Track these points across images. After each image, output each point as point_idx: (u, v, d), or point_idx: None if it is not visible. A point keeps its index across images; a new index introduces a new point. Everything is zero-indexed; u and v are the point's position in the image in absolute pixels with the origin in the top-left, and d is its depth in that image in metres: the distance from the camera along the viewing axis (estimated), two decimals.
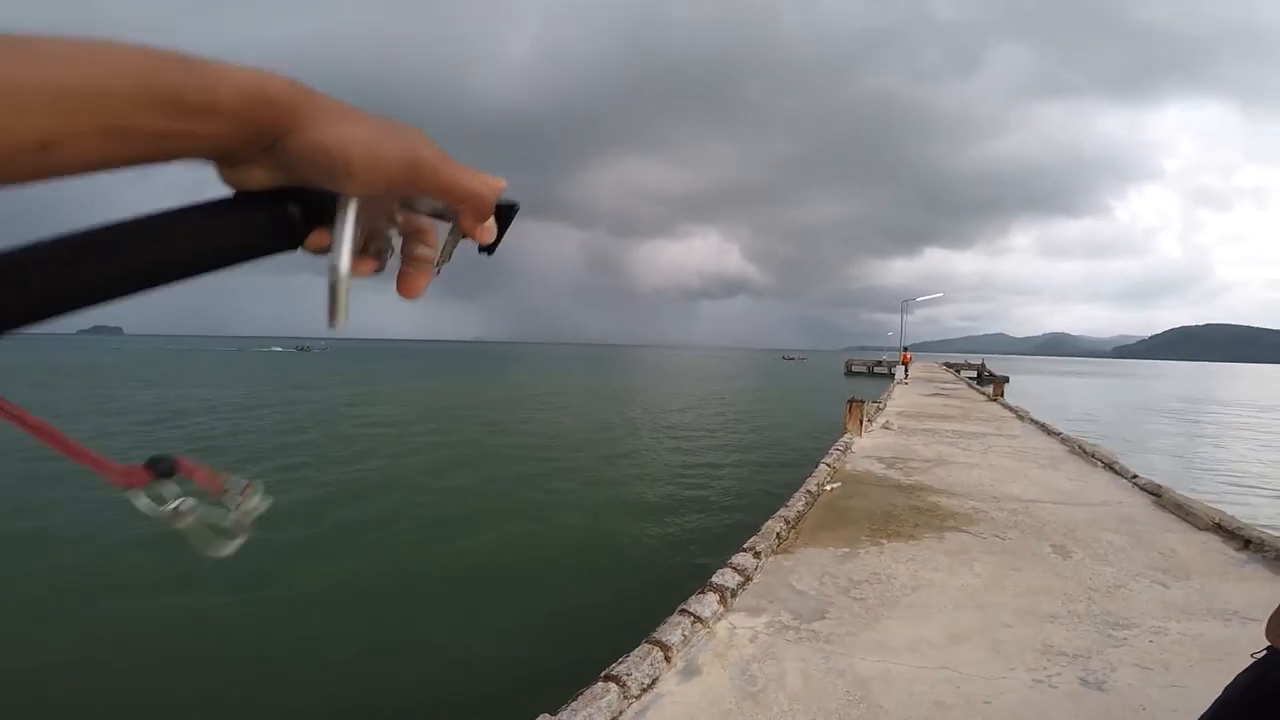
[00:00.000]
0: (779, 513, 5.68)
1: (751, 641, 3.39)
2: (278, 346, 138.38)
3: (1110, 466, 8.90)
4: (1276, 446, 21.60)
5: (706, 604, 3.70)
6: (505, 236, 0.42)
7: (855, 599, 3.95)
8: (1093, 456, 9.65)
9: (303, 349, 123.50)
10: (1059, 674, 3.00)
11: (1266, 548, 4.82)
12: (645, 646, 3.19)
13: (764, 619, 3.66)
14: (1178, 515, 6.17)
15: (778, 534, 5.12)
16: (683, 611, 3.58)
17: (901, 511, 6.16)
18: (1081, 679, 2.96)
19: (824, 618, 3.67)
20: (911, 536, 5.33)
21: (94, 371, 46.24)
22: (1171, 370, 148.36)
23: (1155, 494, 7.10)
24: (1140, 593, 4.08)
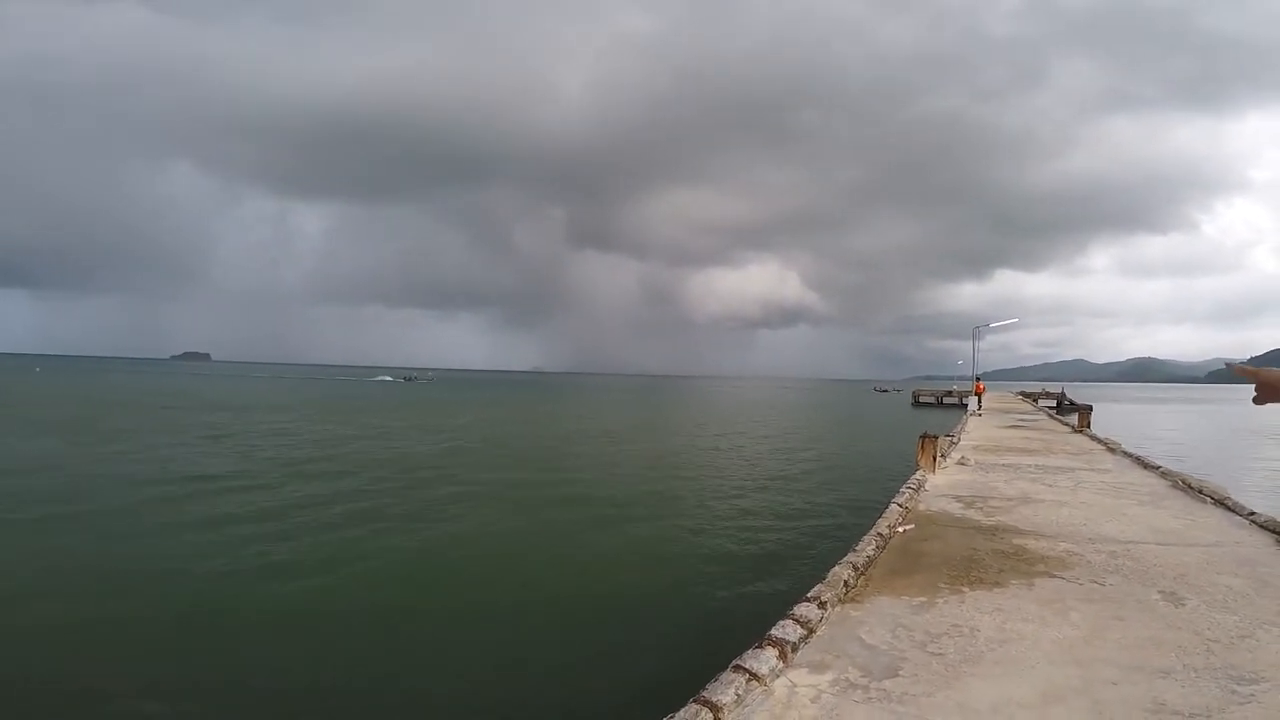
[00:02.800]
0: (846, 558, 5.33)
1: (814, 702, 3.08)
2: (386, 376, 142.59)
3: (1222, 503, 8.10)
4: None
5: (764, 659, 3.40)
6: None
7: (933, 654, 3.59)
8: (1200, 492, 8.81)
9: (409, 379, 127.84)
10: None
11: None
12: (693, 707, 2.92)
13: (829, 676, 3.34)
14: None
15: (845, 581, 4.78)
16: (736, 668, 3.31)
17: (984, 555, 5.69)
18: None
19: (897, 675, 3.33)
20: (996, 583, 4.89)
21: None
22: None
23: (1278, 533, 6.37)
24: (1270, 643, 3.58)
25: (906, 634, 3.89)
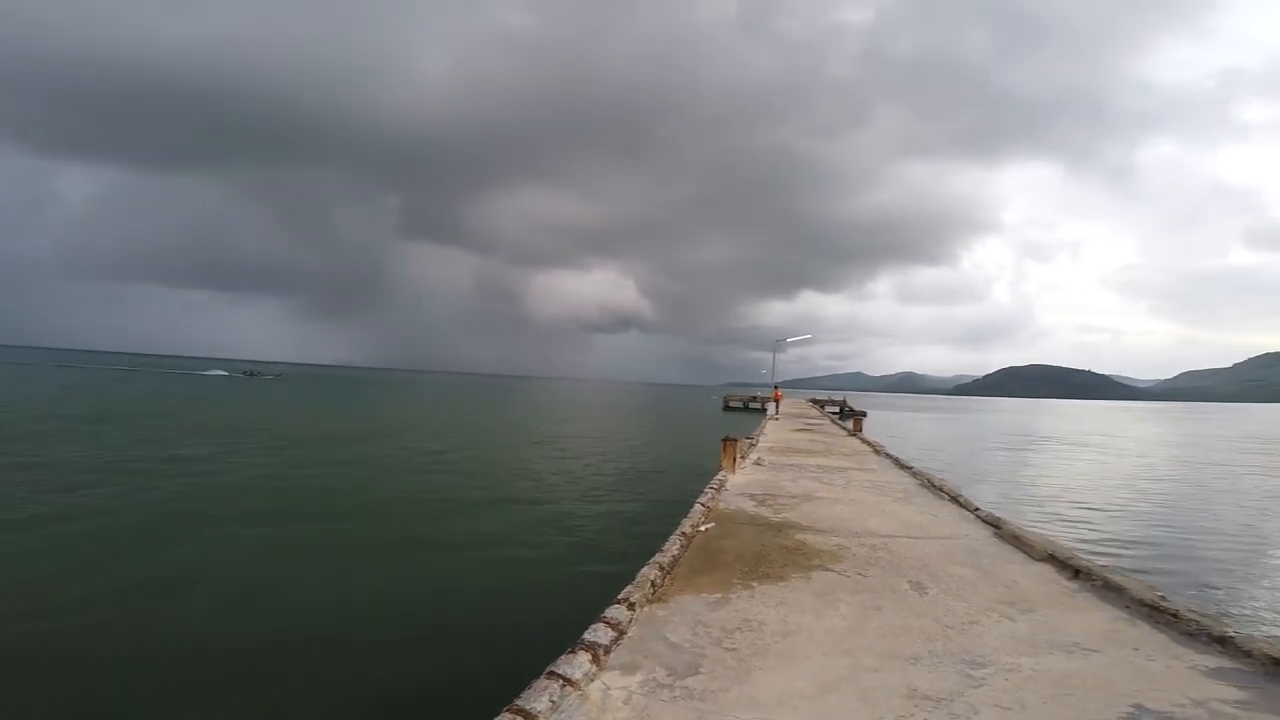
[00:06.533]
0: (654, 558, 5.46)
1: (626, 704, 3.11)
2: (220, 370, 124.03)
3: (955, 499, 9.50)
4: (1084, 475, 24.69)
5: (578, 664, 3.38)
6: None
7: (728, 649, 3.78)
8: (940, 490, 10.31)
9: (251, 374, 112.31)
10: None
11: (1094, 576, 5.26)
12: (506, 717, 2.83)
13: (638, 677, 3.39)
14: (1016, 546, 6.64)
15: (653, 582, 4.88)
16: (550, 674, 3.25)
17: (771, 551, 6.14)
18: None
19: (698, 673, 3.46)
20: (780, 578, 5.29)
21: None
22: (1001, 405, 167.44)
23: (996, 526, 7.61)
24: (992, 628, 4.23)
25: (705, 631, 4.06)
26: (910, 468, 13.19)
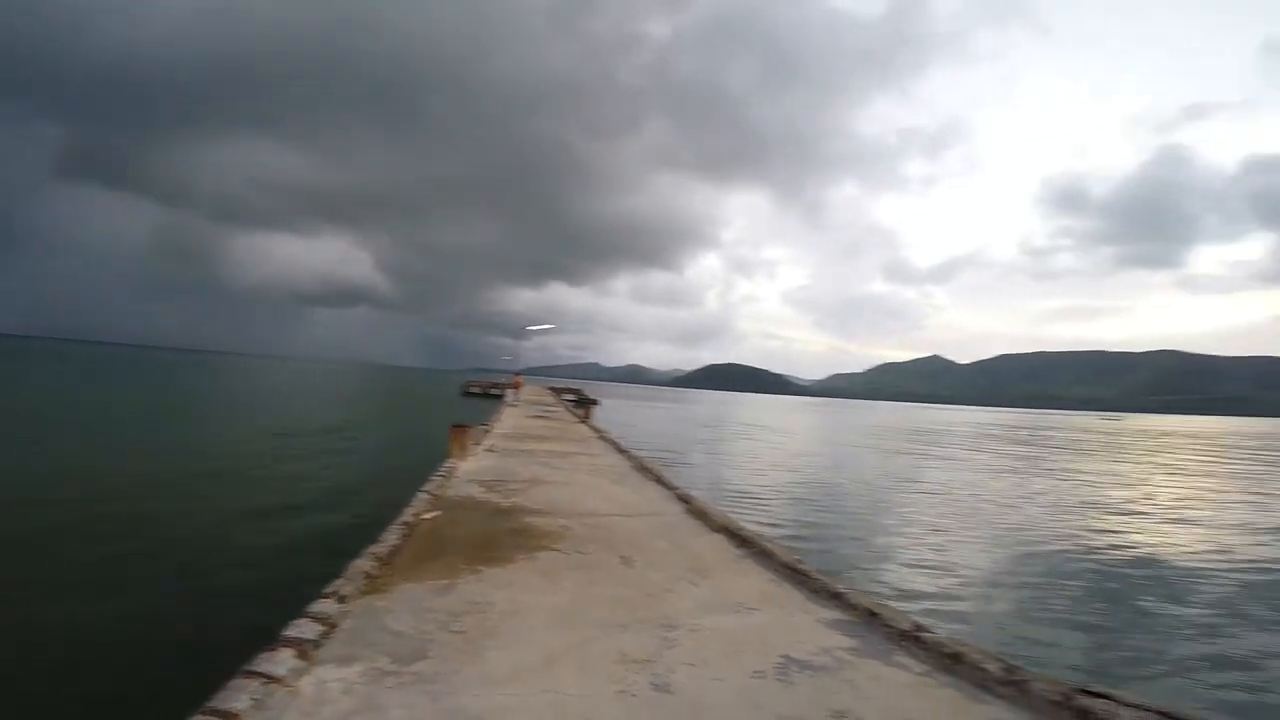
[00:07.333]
0: (369, 549, 5.31)
1: (346, 694, 3.07)
2: None
3: (659, 479, 10.79)
4: (760, 453, 29.67)
5: (280, 661, 3.24)
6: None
7: (456, 632, 3.91)
8: (648, 471, 11.60)
9: None
10: (636, 681, 3.44)
11: (754, 544, 6.50)
12: None
13: (358, 668, 3.35)
14: (700, 520, 7.84)
15: (367, 573, 4.77)
16: (248, 674, 3.07)
17: (500, 535, 6.37)
18: (652, 684, 3.44)
19: (426, 657, 3.54)
20: (509, 560, 5.55)
21: None
22: (706, 397, 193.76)
23: (687, 502, 8.86)
24: (682, 594, 5.01)
25: (431, 617, 4.13)
26: (626, 451, 14.51)
